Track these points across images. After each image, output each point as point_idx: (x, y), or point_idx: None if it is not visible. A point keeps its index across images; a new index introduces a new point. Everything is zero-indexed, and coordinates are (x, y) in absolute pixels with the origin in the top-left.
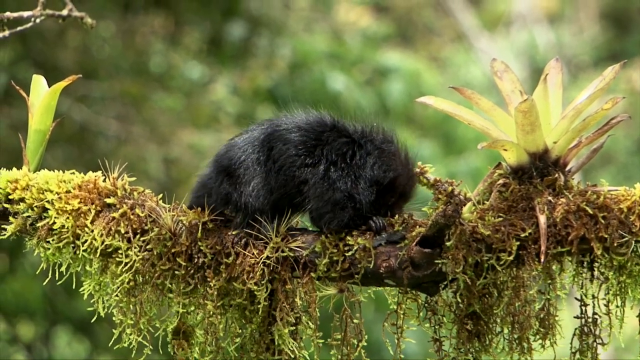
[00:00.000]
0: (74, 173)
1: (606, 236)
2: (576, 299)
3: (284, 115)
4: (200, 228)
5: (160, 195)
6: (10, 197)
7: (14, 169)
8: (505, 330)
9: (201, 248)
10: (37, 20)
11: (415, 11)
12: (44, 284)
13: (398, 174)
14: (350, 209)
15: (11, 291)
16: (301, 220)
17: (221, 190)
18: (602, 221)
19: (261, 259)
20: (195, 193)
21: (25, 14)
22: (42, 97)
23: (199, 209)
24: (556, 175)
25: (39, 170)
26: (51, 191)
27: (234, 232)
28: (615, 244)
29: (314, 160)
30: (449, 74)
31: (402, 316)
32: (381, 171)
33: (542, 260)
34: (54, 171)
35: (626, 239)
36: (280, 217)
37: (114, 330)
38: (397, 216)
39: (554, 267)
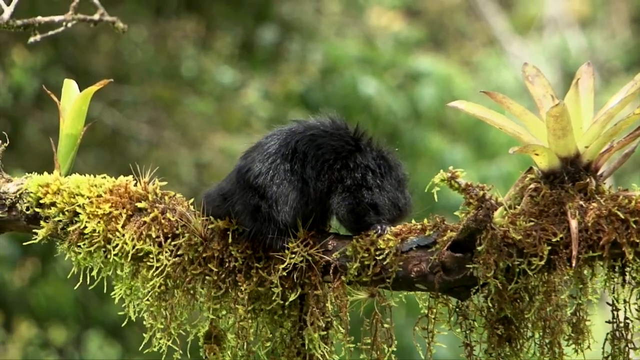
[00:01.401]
0: (105, 177)
1: (638, 241)
2: (608, 303)
3: (295, 122)
4: (231, 233)
5: (192, 200)
6: (41, 201)
7: (45, 173)
8: (537, 335)
9: (232, 252)
10: (69, 25)
11: (447, 15)
12: (75, 288)
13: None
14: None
15: (43, 295)
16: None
17: (249, 202)
18: (634, 226)
19: (292, 263)
20: (214, 203)
21: (57, 18)
22: (73, 101)
23: (227, 218)
24: (588, 179)
25: (70, 175)
26: (82, 195)
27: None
28: None
29: (351, 165)
30: (481, 78)
31: (433, 320)
32: (402, 197)
33: (573, 264)
34: (85, 175)
35: None
36: (312, 221)
37: (144, 335)
38: (426, 220)
39: (585, 272)
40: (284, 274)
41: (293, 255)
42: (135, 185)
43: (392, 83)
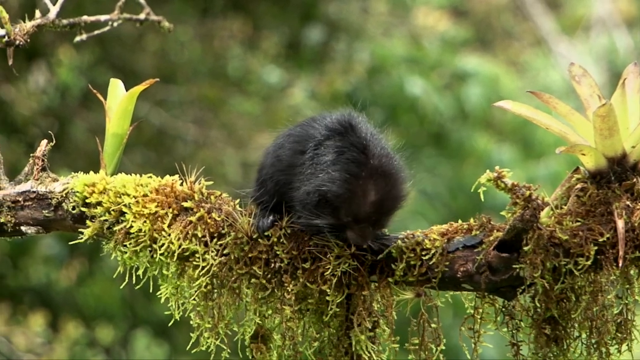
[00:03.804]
0: (151, 177)
1: None
2: None
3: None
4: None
5: (238, 200)
6: (87, 200)
7: (91, 172)
8: (583, 335)
9: (277, 253)
10: (115, 24)
11: (494, 15)
12: (121, 287)
13: (329, 190)
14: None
15: (90, 295)
16: None
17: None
18: None
19: (339, 264)
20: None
21: (103, 17)
22: (119, 101)
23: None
24: (634, 179)
25: (116, 174)
26: (128, 195)
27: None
28: None
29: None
30: (528, 78)
31: (479, 320)
32: (318, 181)
33: (620, 265)
34: (131, 175)
35: None
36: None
37: (191, 334)
38: (473, 220)
39: (632, 272)
40: (329, 275)
41: (339, 259)
42: (182, 184)
43: (439, 83)
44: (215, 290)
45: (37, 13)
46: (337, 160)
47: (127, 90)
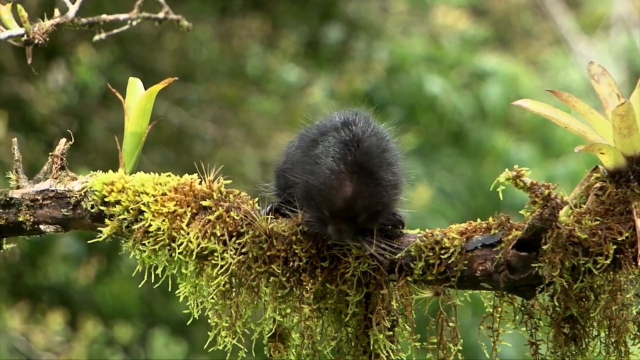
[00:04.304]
0: (170, 175)
1: None
2: None
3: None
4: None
5: (257, 199)
6: (106, 199)
7: (110, 171)
8: (602, 334)
9: (296, 252)
10: (134, 23)
11: (513, 14)
12: (140, 286)
13: (309, 182)
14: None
15: (109, 293)
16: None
17: None
18: None
19: (359, 263)
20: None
21: (122, 16)
22: (138, 99)
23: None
24: None
25: (135, 173)
26: (147, 194)
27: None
28: None
29: None
30: (547, 77)
31: (498, 319)
32: (305, 174)
33: (639, 263)
34: (150, 173)
35: None
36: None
37: (209, 333)
38: (492, 219)
39: None
40: (349, 276)
41: (358, 259)
42: (200, 183)
43: (458, 82)
44: (234, 289)
45: (56, 12)
46: (323, 154)
47: (146, 89)
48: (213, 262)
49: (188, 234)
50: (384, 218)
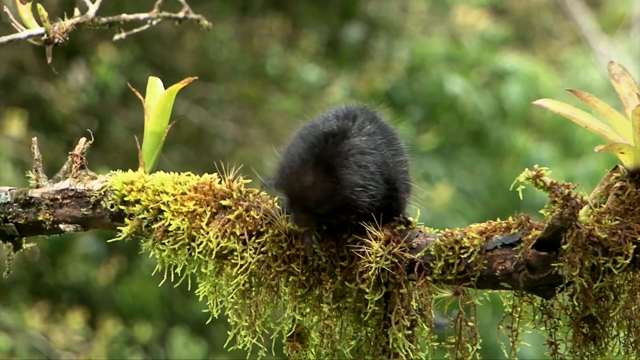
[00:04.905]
0: (189, 175)
1: None
2: None
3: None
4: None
5: (277, 198)
6: (125, 198)
7: (130, 170)
8: (622, 334)
9: (316, 251)
10: (154, 23)
11: (534, 14)
12: (160, 285)
13: (277, 170)
14: None
15: (129, 293)
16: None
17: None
18: None
19: (380, 264)
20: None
21: (142, 16)
22: (158, 99)
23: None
24: None
25: (154, 172)
26: (167, 193)
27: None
28: None
29: None
30: (568, 77)
31: (517, 319)
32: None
33: None
34: (169, 173)
35: None
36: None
37: (228, 332)
38: (511, 219)
39: None
40: (368, 274)
41: (378, 259)
42: (220, 183)
43: (478, 81)
44: (254, 288)
45: (76, 11)
46: (299, 143)
47: (166, 89)
48: (232, 261)
49: (207, 233)
50: (360, 215)
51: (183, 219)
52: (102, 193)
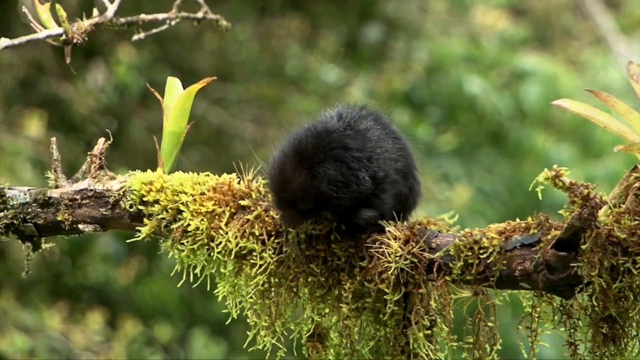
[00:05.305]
0: (208, 175)
1: None
2: None
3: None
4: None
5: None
6: (144, 199)
7: (149, 170)
8: None
9: (335, 251)
10: (172, 23)
11: (553, 14)
12: (179, 285)
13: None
14: None
15: (149, 293)
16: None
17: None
18: None
19: (399, 264)
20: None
21: (160, 16)
22: (176, 99)
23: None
24: None
25: (173, 172)
26: (185, 193)
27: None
28: None
29: None
30: (587, 77)
31: (536, 319)
32: None
33: None
34: (188, 173)
35: None
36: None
37: (248, 333)
38: (531, 219)
39: None
40: (388, 274)
41: (398, 258)
42: (239, 183)
43: (498, 82)
44: (273, 289)
45: (95, 11)
46: (287, 141)
47: (184, 89)
48: (252, 261)
49: (227, 233)
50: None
51: (202, 219)
52: (121, 193)
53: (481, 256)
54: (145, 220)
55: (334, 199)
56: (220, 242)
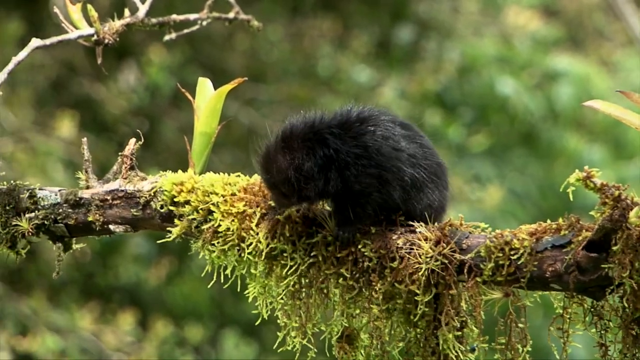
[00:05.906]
0: (239, 175)
1: None
2: None
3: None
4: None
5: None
6: (175, 199)
7: (180, 171)
8: None
9: (365, 253)
10: (204, 23)
11: (585, 15)
12: (209, 286)
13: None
14: None
15: (180, 293)
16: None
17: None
18: None
19: (430, 265)
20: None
21: (192, 16)
22: (208, 100)
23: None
24: None
25: (204, 173)
26: (216, 194)
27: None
28: None
29: None
30: (619, 78)
31: (568, 320)
32: None
33: None
34: (219, 174)
35: None
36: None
37: (278, 333)
38: (562, 220)
39: None
40: (418, 275)
41: (428, 259)
42: None
43: (530, 83)
44: (303, 290)
45: (127, 12)
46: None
47: (216, 89)
48: (282, 262)
49: (257, 234)
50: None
51: (233, 220)
52: (152, 194)
53: (512, 257)
54: (176, 220)
55: (303, 190)
56: (251, 243)
